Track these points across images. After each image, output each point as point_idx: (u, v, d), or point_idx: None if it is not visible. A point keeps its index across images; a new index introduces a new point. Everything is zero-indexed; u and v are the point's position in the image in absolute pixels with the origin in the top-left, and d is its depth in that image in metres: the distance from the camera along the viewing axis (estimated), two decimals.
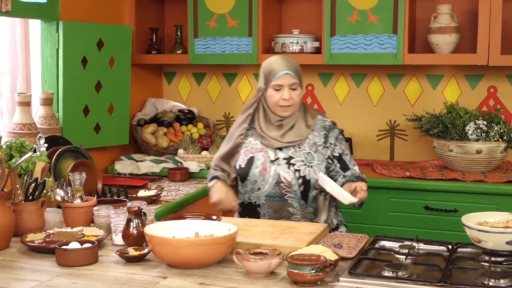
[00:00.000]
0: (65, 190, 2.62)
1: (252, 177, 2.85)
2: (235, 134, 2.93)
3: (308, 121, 2.88)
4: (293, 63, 2.85)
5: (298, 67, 2.85)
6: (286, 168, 2.81)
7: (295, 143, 2.84)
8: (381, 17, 3.79)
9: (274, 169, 2.83)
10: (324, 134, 2.86)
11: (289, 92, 2.80)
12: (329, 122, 2.91)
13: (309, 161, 2.81)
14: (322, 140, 2.85)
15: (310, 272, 1.96)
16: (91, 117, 3.82)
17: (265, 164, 2.84)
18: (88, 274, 2.12)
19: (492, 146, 3.55)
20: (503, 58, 3.61)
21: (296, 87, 2.81)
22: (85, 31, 3.73)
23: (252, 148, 2.90)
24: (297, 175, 2.79)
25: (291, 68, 2.82)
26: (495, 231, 2.20)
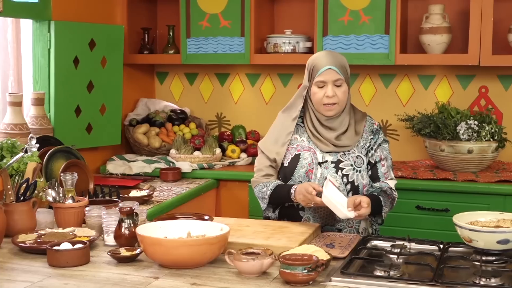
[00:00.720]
0: (56, 190, 2.62)
1: (297, 177, 2.69)
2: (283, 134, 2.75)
3: (359, 124, 2.74)
4: (338, 58, 2.68)
5: (343, 63, 2.68)
6: (334, 173, 2.67)
7: (349, 148, 2.69)
8: (373, 17, 3.80)
9: (320, 172, 2.68)
10: (370, 139, 2.74)
11: (333, 88, 2.63)
12: (377, 126, 2.77)
13: (358, 165, 2.68)
14: (368, 144, 2.73)
15: (302, 272, 1.97)
16: (83, 117, 3.81)
17: (312, 165, 2.69)
18: (79, 275, 2.11)
19: (483, 146, 3.56)
20: (494, 58, 3.63)
21: (341, 84, 2.64)
22: (77, 31, 3.72)
23: (298, 146, 2.73)
24: (345, 180, 2.67)
25: (335, 63, 2.64)
26: (486, 230, 2.21)
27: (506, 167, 3.80)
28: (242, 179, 3.85)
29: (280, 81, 4.37)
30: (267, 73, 4.39)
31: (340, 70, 2.65)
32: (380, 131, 2.78)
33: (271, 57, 4.04)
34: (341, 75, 2.65)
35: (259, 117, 4.42)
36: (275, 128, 2.83)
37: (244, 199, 3.85)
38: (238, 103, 4.47)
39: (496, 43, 3.69)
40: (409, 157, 4.12)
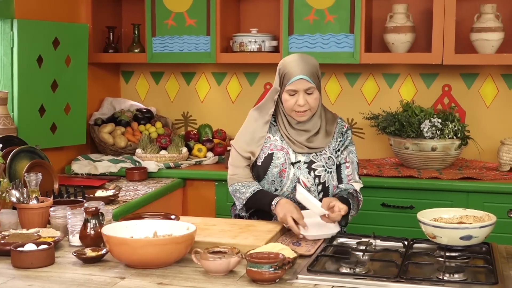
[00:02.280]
0: (20, 191, 2.58)
1: (270, 177, 2.71)
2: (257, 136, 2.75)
3: (330, 125, 2.76)
4: (309, 65, 2.66)
5: (314, 69, 2.67)
6: (306, 173, 2.70)
7: (322, 149, 2.72)
8: (338, 16, 3.82)
9: (293, 172, 2.70)
10: (340, 140, 2.77)
11: (305, 97, 2.63)
12: (346, 128, 2.80)
13: (329, 166, 2.71)
14: (338, 146, 2.76)
15: (268, 270, 1.97)
16: (47, 117, 3.77)
17: (285, 165, 2.70)
18: (44, 276, 2.09)
19: (447, 143, 3.61)
20: (457, 57, 3.68)
21: (312, 91, 2.64)
22: (40, 30, 3.67)
23: (271, 145, 2.74)
24: (317, 181, 2.69)
25: (306, 72, 2.64)
26: (449, 226, 2.24)
27: (469, 164, 3.86)
28: (208, 178, 3.85)
29: (246, 79, 4.38)
30: (233, 72, 4.39)
31: (312, 78, 2.65)
32: (349, 133, 2.80)
33: (237, 56, 4.05)
34: (313, 83, 2.65)
35: (226, 116, 4.42)
36: (248, 127, 2.81)
37: (211, 198, 3.85)
38: (204, 102, 4.46)
39: (458, 42, 3.75)
40: (374, 155, 4.16)
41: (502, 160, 3.65)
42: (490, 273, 2.07)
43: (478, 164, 3.86)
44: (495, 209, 2.80)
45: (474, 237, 2.21)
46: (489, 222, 2.24)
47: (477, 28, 3.70)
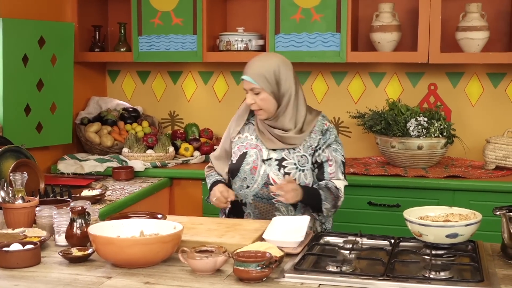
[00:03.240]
0: (6, 190, 2.57)
1: (242, 174, 2.77)
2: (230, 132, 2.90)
3: (308, 123, 2.78)
4: (260, 67, 2.70)
5: (265, 70, 2.69)
6: (277, 170, 2.73)
7: (295, 146, 2.75)
8: (324, 15, 3.83)
9: (264, 169, 2.75)
10: (318, 139, 2.78)
11: (252, 96, 2.70)
12: (327, 126, 2.80)
13: (301, 164, 2.74)
14: (316, 144, 2.77)
15: (255, 269, 1.97)
16: (32, 116, 3.75)
17: (256, 162, 2.77)
18: (30, 276, 2.08)
19: (433, 142, 3.63)
20: (443, 56, 3.70)
21: (258, 92, 2.68)
22: (25, 28, 3.65)
23: (246, 144, 2.82)
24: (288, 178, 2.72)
25: (251, 73, 2.69)
26: (435, 225, 2.25)
27: (455, 162, 3.88)
28: (195, 177, 3.84)
29: (233, 78, 4.38)
30: (219, 71, 4.39)
31: (256, 80, 2.69)
32: (331, 131, 2.80)
33: (223, 55, 4.04)
34: (256, 85, 2.69)
35: (212, 115, 4.41)
36: (230, 124, 2.93)
37: (198, 197, 3.85)
38: (191, 101, 4.45)
39: (444, 41, 3.77)
40: (361, 153, 4.17)
41: (488, 159, 3.68)
42: (476, 271, 2.09)
43: (464, 162, 3.88)
44: (481, 207, 2.81)
45: (460, 235, 2.23)
46: (474, 220, 2.26)
47: (462, 27, 3.72)
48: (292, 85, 2.74)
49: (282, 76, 2.72)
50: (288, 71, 2.74)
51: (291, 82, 2.74)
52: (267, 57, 2.79)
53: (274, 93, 2.70)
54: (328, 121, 2.84)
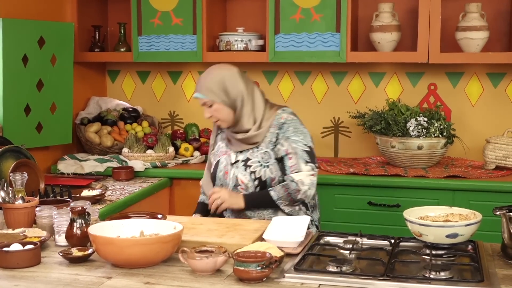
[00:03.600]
0: (6, 190, 2.57)
1: (218, 181, 2.93)
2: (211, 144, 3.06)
3: (267, 120, 2.84)
4: (206, 81, 2.81)
5: (209, 84, 2.79)
6: (243, 171, 2.84)
7: (257, 144, 2.83)
8: (324, 15, 3.83)
9: (233, 172, 2.87)
10: (276, 133, 2.84)
11: (207, 110, 2.82)
12: (284, 119, 2.85)
13: (265, 160, 2.82)
14: (274, 139, 2.84)
15: (255, 269, 1.98)
16: (32, 116, 3.75)
17: (227, 167, 2.90)
18: (30, 276, 2.08)
19: (433, 142, 3.63)
20: (443, 56, 3.70)
21: (210, 104, 2.80)
22: (25, 28, 3.65)
23: (220, 152, 2.95)
24: (253, 176, 2.82)
25: (199, 89, 2.81)
26: (435, 225, 2.25)
27: (455, 162, 3.88)
28: (195, 177, 3.83)
29: None
30: None
31: (205, 94, 2.80)
32: (289, 123, 2.84)
33: (223, 55, 4.04)
34: (206, 98, 2.80)
35: None
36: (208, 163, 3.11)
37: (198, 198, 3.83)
38: (191, 101, 4.45)
39: (444, 41, 3.77)
40: (361, 153, 4.17)
41: (488, 159, 3.68)
42: (476, 271, 2.09)
43: (464, 162, 3.88)
44: (481, 207, 2.81)
45: (460, 235, 2.23)
46: (475, 220, 2.26)
47: (462, 27, 3.72)
48: (242, 88, 2.82)
49: (228, 84, 2.80)
50: (233, 77, 2.82)
51: (239, 86, 2.81)
52: (211, 70, 2.87)
53: (225, 101, 2.80)
54: (289, 114, 2.88)
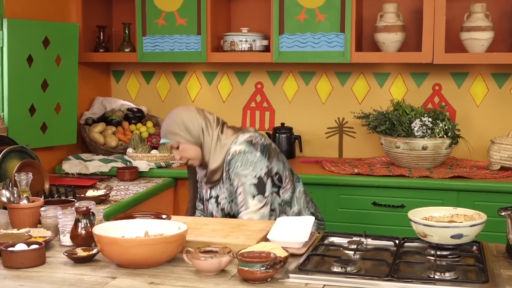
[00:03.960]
0: (11, 191, 2.57)
1: (202, 213, 3.02)
2: None
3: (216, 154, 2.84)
4: (168, 126, 2.85)
5: (170, 127, 2.83)
6: (216, 207, 2.90)
7: (218, 181, 2.86)
8: (328, 15, 3.83)
9: (209, 208, 2.93)
10: (227, 170, 2.82)
11: (176, 152, 2.86)
12: (231, 155, 2.79)
13: (229, 196, 2.85)
14: (228, 176, 2.83)
15: (260, 269, 1.97)
16: (37, 117, 3.76)
17: (205, 202, 2.97)
18: (35, 276, 2.08)
19: (437, 142, 3.63)
20: (447, 56, 3.70)
21: (177, 145, 2.84)
22: (30, 29, 3.66)
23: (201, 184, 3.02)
24: (223, 213, 2.88)
25: (165, 134, 2.86)
26: (440, 225, 2.25)
27: (459, 163, 3.87)
28: None
29: (237, 79, 4.38)
30: (224, 71, 4.39)
31: (169, 137, 2.85)
32: (236, 158, 2.79)
33: (228, 55, 4.04)
34: (171, 141, 2.85)
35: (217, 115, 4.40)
36: None
37: None
38: (195, 102, 4.46)
39: (449, 42, 3.76)
40: (365, 154, 4.17)
41: (492, 159, 3.67)
42: (480, 271, 2.08)
43: (468, 163, 3.88)
44: (486, 208, 2.81)
45: (465, 235, 2.22)
46: (479, 221, 2.25)
47: (467, 27, 3.72)
48: (202, 124, 2.86)
49: (188, 122, 2.84)
50: (192, 115, 2.87)
51: (199, 122, 2.86)
52: (170, 115, 2.91)
53: (189, 140, 2.84)
54: (239, 144, 2.81)
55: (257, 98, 4.36)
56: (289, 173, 2.94)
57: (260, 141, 2.84)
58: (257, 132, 2.90)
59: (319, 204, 3.62)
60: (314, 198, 3.63)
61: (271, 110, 4.34)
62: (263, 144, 2.83)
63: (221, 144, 2.84)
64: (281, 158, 2.92)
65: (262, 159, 2.79)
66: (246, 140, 2.81)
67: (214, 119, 2.91)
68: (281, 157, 2.92)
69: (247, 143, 2.80)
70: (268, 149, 2.84)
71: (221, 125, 2.90)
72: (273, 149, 2.89)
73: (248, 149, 2.79)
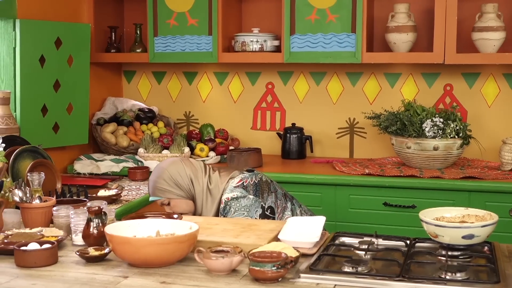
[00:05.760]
0: (23, 190, 2.59)
1: None
2: None
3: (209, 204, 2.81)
4: (156, 183, 2.80)
5: (161, 183, 2.79)
6: None
7: None
8: (340, 16, 3.83)
9: None
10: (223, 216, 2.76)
11: (168, 208, 2.82)
12: (224, 203, 2.75)
13: None
14: None
15: (271, 269, 1.98)
16: (49, 117, 3.78)
17: None
18: (48, 275, 2.09)
19: (449, 143, 3.62)
20: (459, 56, 3.69)
21: (167, 202, 2.81)
22: (42, 30, 3.68)
23: None
24: None
25: (152, 192, 2.83)
26: (451, 226, 2.24)
27: (471, 163, 3.86)
28: None
29: (248, 79, 4.38)
30: (235, 71, 4.40)
31: (158, 195, 2.81)
32: (230, 205, 2.75)
33: (239, 55, 4.05)
34: (161, 199, 2.82)
35: (228, 115, 4.42)
36: None
37: None
38: (206, 102, 4.47)
39: (460, 42, 3.75)
40: (376, 154, 4.16)
41: (504, 160, 3.65)
42: (492, 272, 2.08)
43: (480, 163, 3.86)
44: (497, 208, 2.80)
45: (476, 236, 2.22)
46: (491, 221, 2.24)
47: (478, 28, 3.70)
48: (189, 174, 2.81)
49: (176, 176, 2.80)
50: (178, 167, 2.82)
51: (187, 173, 2.81)
52: (155, 171, 2.86)
53: (181, 195, 2.81)
54: (231, 191, 2.77)
55: (268, 99, 4.36)
56: (281, 199, 2.87)
57: (252, 182, 2.79)
58: (245, 173, 2.84)
59: (330, 204, 3.63)
60: (325, 199, 3.65)
61: (282, 110, 4.34)
62: (254, 184, 2.79)
63: (212, 195, 2.81)
64: (272, 189, 2.86)
65: (256, 201, 2.77)
66: (236, 186, 2.78)
67: (201, 166, 2.86)
68: (272, 188, 2.86)
69: (238, 188, 2.77)
70: (260, 187, 2.80)
71: (208, 171, 2.85)
72: (264, 183, 2.83)
73: (240, 194, 2.76)
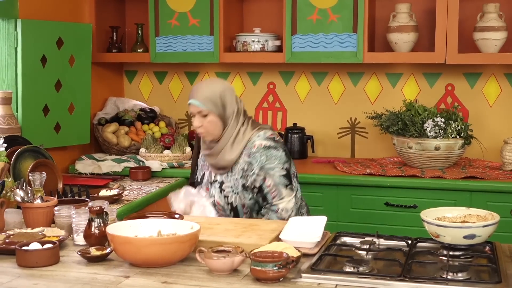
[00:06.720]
0: (25, 190, 2.59)
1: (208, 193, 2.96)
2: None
3: (238, 144, 2.83)
4: (206, 91, 2.79)
5: (212, 94, 2.78)
6: (219, 193, 2.87)
7: (227, 169, 2.85)
8: (341, 16, 3.83)
9: (212, 191, 2.90)
10: (248, 162, 2.81)
11: (199, 119, 2.80)
12: (256, 148, 2.80)
13: (236, 187, 2.84)
14: (246, 168, 2.82)
15: (272, 269, 1.98)
16: (51, 117, 3.78)
17: (207, 183, 2.93)
18: (49, 275, 2.10)
19: (450, 142, 3.62)
20: (460, 56, 3.68)
21: (206, 114, 2.79)
22: (44, 29, 3.68)
23: (205, 163, 2.97)
24: (226, 200, 2.85)
25: (198, 97, 2.79)
26: (453, 226, 2.24)
27: (472, 163, 3.86)
28: None
29: (250, 79, 4.39)
30: (236, 71, 4.40)
31: (203, 103, 2.78)
32: (261, 152, 2.79)
33: (240, 55, 4.05)
34: (204, 107, 2.78)
35: None
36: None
37: None
38: None
39: (461, 42, 3.75)
40: (378, 154, 4.16)
41: (506, 160, 3.65)
42: (493, 272, 2.08)
43: (481, 163, 3.86)
44: (499, 208, 2.81)
45: (478, 236, 2.22)
46: (492, 221, 2.25)
47: (480, 28, 3.70)
48: (235, 107, 2.84)
49: (228, 99, 2.82)
50: (232, 96, 2.85)
51: (233, 105, 2.84)
52: (213, 82, 2.90)
53: (221, 115, 2.81)
54: (263, 140, 2.82)
55: (269, 98, 4.36)
56: (296, 174, 2.96)
57: (281, 141, 2.89)
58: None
59: (331, 204, 3.64)
60: (326, 198, 3.66)
61: (283, 110, 4.34)
62: (283, 144, 2.90)
63: (241, 137, 2.84)
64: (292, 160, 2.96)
65: (285, 156, 2.84)
66: (269, 137, 2.84)
67: (244, 109, 2.91)
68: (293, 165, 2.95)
69: (271, 140, 2.84)
70: (289, 152, 2.90)
71: (246, 118, 2.90)
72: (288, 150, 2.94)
73: (273, 145, 2.82)
